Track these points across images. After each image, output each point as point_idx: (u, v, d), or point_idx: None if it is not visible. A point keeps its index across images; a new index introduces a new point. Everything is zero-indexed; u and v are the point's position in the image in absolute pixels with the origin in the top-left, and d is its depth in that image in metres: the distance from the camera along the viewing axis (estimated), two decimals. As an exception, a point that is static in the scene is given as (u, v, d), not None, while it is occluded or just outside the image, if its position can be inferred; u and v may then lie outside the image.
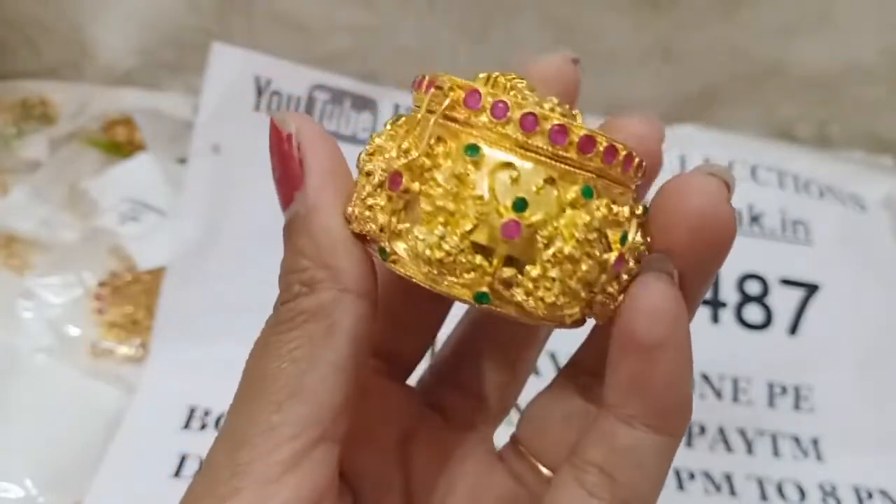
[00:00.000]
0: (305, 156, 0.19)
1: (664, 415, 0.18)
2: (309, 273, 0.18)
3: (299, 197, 0.19)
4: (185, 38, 0.51)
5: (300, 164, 0.19)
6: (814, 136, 0.54)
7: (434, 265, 0.17)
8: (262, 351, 0.19)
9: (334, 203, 0.19)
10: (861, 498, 0.39)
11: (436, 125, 0.18)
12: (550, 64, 0.21)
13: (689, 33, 0.50)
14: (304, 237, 0.19)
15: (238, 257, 0.42)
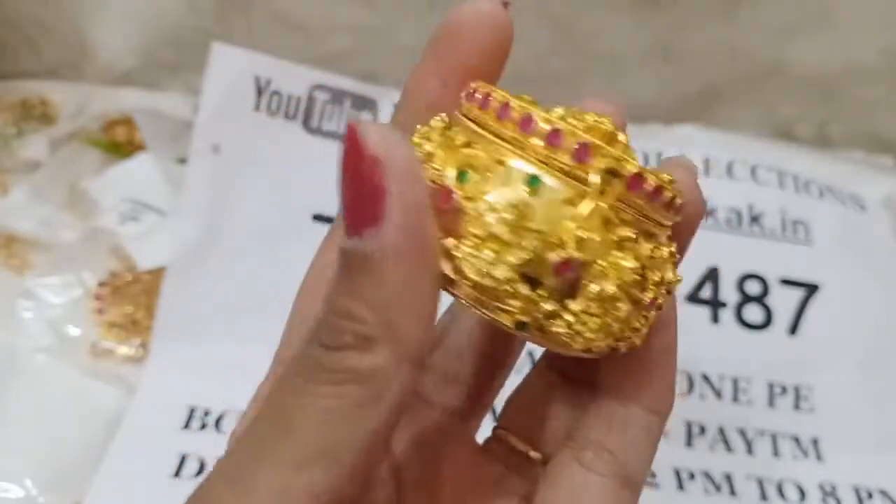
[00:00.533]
0: (391, 187, 0.15)
1: (657, 396, 0.20)
2: (367, 328, 0.16)
3: (374, 235, 0.15)
4: (185, 38, 0.51)
5: (381, 195, 0.15)
6: (814, 136, 0.54)
7: (480, 290, 0.17)
8: (290, 393, 0.16)
9: (418, 253, 0.16)
10: (861, 498, 0.39)
11: (480, 136, 0.18)
12: (479, 10, 0.20)
13: (689, 33, 0.50)
14: (371, 284, 0.16)
15: (238, 257, 0.42)
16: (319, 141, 0.45)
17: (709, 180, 0.46)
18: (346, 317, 0.16)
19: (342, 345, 0.16)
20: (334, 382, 0.16)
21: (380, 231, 0.15)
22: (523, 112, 0.17)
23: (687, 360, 0.42)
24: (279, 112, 0.45)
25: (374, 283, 0.16)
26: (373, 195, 0.15)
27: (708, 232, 0.45)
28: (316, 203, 0.43)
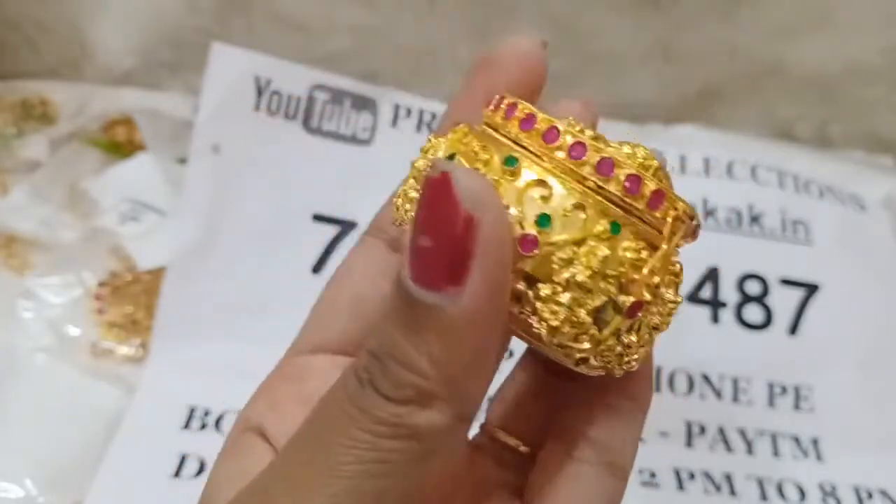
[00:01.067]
0: (481, 252, 0.15)
1: (638, 388, 0.20)
2: (429, 384, 0.15)
3: (453, 295, 0.15)
4: (185, 38, 0.51)
5: (469, 257, 0.15)
6: (814, 136, 0.54)
7: (554, 332, 0.17)
8: (339, 433, 0.16)
9: (494, 319, 0.15)
10: (861, 498, 0.39)
11: (485, 135, 0.18)
12: (518, 47, 0.21)
13: (689, 33, 0.50)
14: (440, 342, 0.15)
15: (238, 257, 0.42)
16: (319, 141, 0.45)
17: (709, 180, 0.46)
18: (407, 368, 0.15)
19: (402, 398, 0.15)
20: (389, 436, 0.15)
21: (460, 292, 0.15)
22: (601, 156, 0.17)
23: (687, 360, 0.42)
24: (279, 112, 0.45)
25: (443, 342, 0.15)
26: (460, 255, 0.15)
27: (708, 232, 0.45)
28: (316, 203, 0.43)
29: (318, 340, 0.22)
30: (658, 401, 0.41)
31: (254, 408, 0.21)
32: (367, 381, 0.16)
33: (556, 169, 0.17)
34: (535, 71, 0.21)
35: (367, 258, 0.22)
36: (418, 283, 0.15)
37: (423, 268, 0.15)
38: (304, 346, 0.22)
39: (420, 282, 0.15)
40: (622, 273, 0.17)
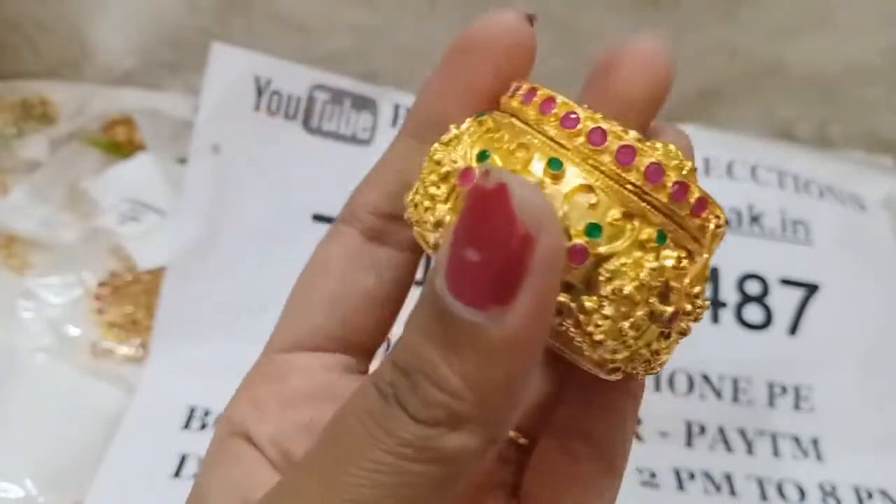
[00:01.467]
0: (534, 273, 0.13)
1: (637, 388, 0.20)
2: (462, 407, 0.14)
3: (499, 316, 0.14)
4: (185, 38, 0.51)
5: (520, 278, 0.13)
6: (814, 136, 0.54)
7: (597, 346, 0.16)
8: (354, 451, 0.15)
9: (537, 343, 0.14)
10: (861, 498, 0.39)
11: (516, 129, 0.17)
12: (502, 23, 0.18)
13: (690, 33, 0.50)
14: (478, 363, 0.14)
15: (238, 257, 0.42)
16: (319, 141, 0.45)
17: (709, 180, 0.46)
18: (439, 387, 0.14)
19: (431, 420, 0.14)
20: (414, 459, 0.14)
21: (506, 311, 0.14)
22: (650, 161, 0.16)
23: (687, 360, 0.42)
24: (279, 112, 0.45)
25: (480, 362, 0.14)
26: (510, 274, 0.14)
27: (708, 232, 0.45)
28: (316, 203, 0.43)
29: (295, 337, 0.21)
30: (658, 401, 0.41)
31: (236, 409, 0.21)
32: (391, 396, 0.15)
33: (601, 173, 0.16)
34: (523, 51, 0.19)
35: (343, 249, 0.21)
36: (460, 299, 0.14)
37: (466, 284, 0.14)
38: (282, 344, 0.21)
39: (462, 298, 0.14)
40: (664, 282, 0.17)
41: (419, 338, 0.14)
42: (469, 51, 0.19)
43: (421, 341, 0.14)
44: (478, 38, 0.19)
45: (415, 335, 0.15)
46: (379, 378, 0.15)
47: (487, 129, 0.17)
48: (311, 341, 0.21)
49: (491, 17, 0.19)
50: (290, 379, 0.20)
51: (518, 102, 0.17)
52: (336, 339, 0.21)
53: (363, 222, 0.21)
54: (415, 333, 0.15)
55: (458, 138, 0.18)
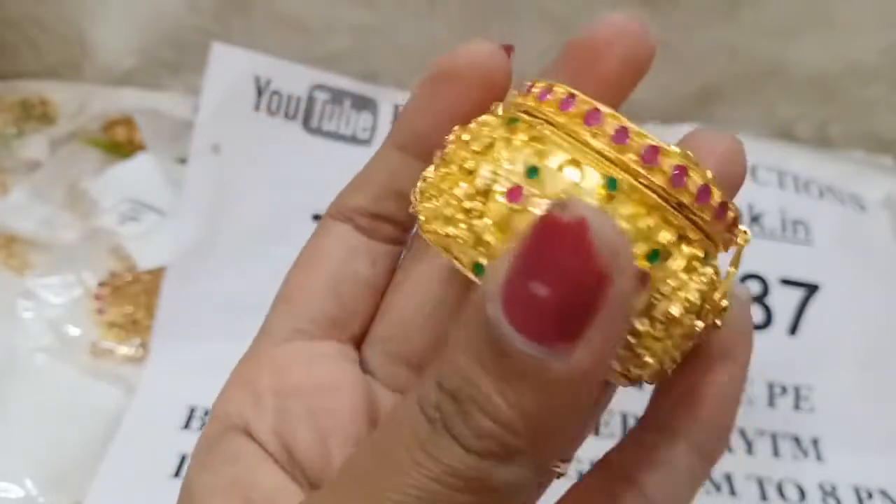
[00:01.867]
0: (606, 312, 0.13)
1: (710, 436, 0.18)
2: (515, 441, 0.14)
3: (564, 353, 0.13)
4: (185, 38, 0.51)
5: (591, 316, 0.13)
6: (814, 136, 0.54)
7: (650, 371, 0.16)
8: (395, 476, 0.14)
9: (597, 380, 0.14)
10: (861, 498, 0.39)
11: (560, 142, 0.16)
12: (478, 54, 0.19)
13: (689, 33, 0.50)
14: (537, 398, 0.13)
15: (238, 257, 0.42)
16: (319, 141, 0.45)
17: (709, 180, 0.46)
18: (493, 418, 0.14)
19: (483, 450, 0.14)
20: (462, 490, 0.14)
21: (572, 350, 0.13)
22: (675, 164, 0.16)
23: (687, 360, 0.42)
24: (279, 112, 0.45)
25: (539, 397, 0.13)
26: (580, 312, 0.13)
27: (708, 232, 0.45)
28: (316, 203, 0.43)
29: (292, 326, 0.21)
30: (658, 401, 0.41)
31: (233, 402, 0.20)
32: (438, 422, 0.14)
33: (653, 192, 0.16)
34: (498, 81, 0.19)
35: (339, 239, 0.21)
36: (520, 331, 0.13)
37: (529, 317, 0.13)
38: (279, 334, 0.21)
39: (523, 331, 0.13)
40: (704, 301, 0.16)
41: (470, 363, 0.14)
42: (445, 80, 0.19)
43: (472, 367, 0.14)
44: (453, 69, 0.19)
45: (464, 359, 0.14)
46: (424, 400, 0.14)
47: (525, 140, 0.16)
48: (308, 330, 0.21)
49: (467, 49, 0.19)
50: (288, 369, 0.20)
51: (554, 108, 0.17)
52: (334, 326, 0.21)
53: (354, 221, 0.21)
54: (464, 357, 0.14)
55: (490, 147, 0.17)
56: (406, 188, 0.19)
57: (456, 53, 0.19)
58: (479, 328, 0.14)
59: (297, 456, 0.19)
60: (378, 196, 0.21)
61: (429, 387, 0.14)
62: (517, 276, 0.13)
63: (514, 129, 0.17)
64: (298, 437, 0.19)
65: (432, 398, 0.14)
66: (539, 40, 0.50)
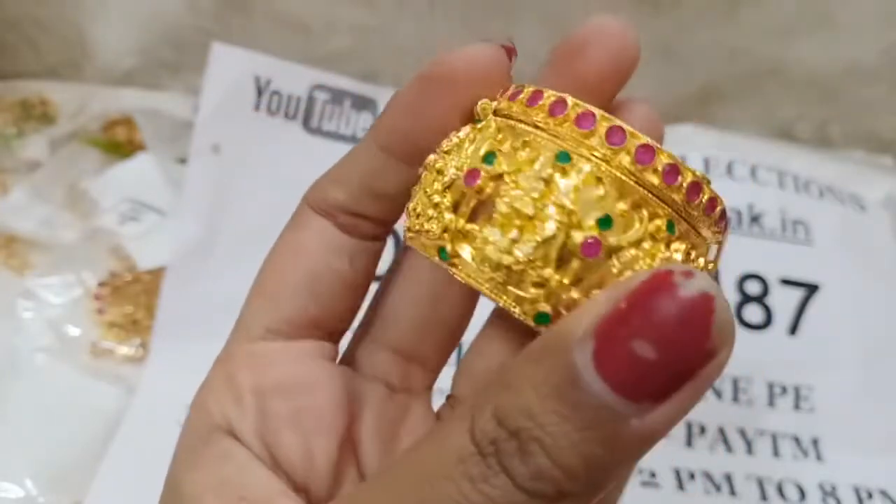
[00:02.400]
0: (696, 381, 0.14)
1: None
2: (570, 487, 0.14)
3: (648, 411, 0.14)
4: (185, 38, 0.51)
5: (683, 382, 0.14)
6: (814, 136, 0.54)
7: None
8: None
9: (662, 437, 0.14)
10: (861, 498, 0.39)
11: (523, 132, 0.17)
12: (477, 58, 0.19)
13: (689, 33, 0.50)
14: (605, 449, 0.14)
15: (238, 257, 0.42)
16: (319, 141, 0.45)
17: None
18: (556, 462, 0.14)
19: (539, 492, 0.14)
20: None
21: (654, 409, 0.14)
22: (667, 162, 0.16)
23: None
24: (279, 112, 0.45)
25: (608, 448, 0.14)
26: (677, 378, 0.14)
27: (708, 232, 0.45)
28: (316, 203, 0.43)
29: (269, 323, 0.21)
30: (658, 401, 0.41)
31: (215, 399, 0.20)
32: (493, 457, 0.14)
33: (609, 166, 0.16)
34: (495, 83, 0.19)
35: (317, 234, 0.21)
36: (612, 386, 0.13)
37: (626, 375, 0.13)
38: (256, 331, 0.21)
39: (615, 387, 0.13)
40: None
41: (541, 403, 0.14)
42: (438, 82, 0.19)
43: (542, 407, 0.14)
44: (450, 72, 0.18)
45: (535, 399, 0.14)
46: (479, 432, 0.14)
47: (490, 133, 0.17)
48: (285, 327, 0.20)
49: (466, 51, 0.18)
50: (267, 369, 0.20)
51: (521, 106, 0.17)
52: (311, 324, 0.21)
53: (334, 217, 0.21)
54: (535, 397, 0.14)
55: (459, 146, 0.17)
56: (386, 189, 0.19)
57: (454, 55, 0.18)
58: (559, 371, 0.13)
59: (281, 458, 0.19)
60: (357, 194, 0.20)
61: (486, 420, 0.14)
62: (619, 329, 0.13)
63: (482, 128, 0.18)
64: (283, 439, 0.19)
65: (489, 432, 0.14)
66: (539, 40, 0.50)
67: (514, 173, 0.16)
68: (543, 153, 0.16)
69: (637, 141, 0.16)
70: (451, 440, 0.15)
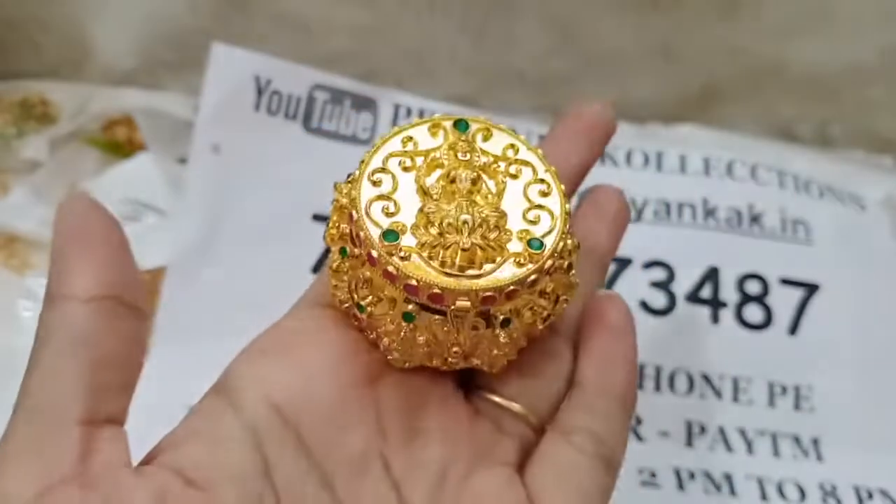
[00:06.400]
0: None
1: (627, 387, 0.24)
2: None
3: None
4: (185, 38, 0.51)
5: None
6: (814, 136, 0.54)
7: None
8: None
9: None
10: (861, 498, 0.39)
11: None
12: (592, 113, 0.27)
13: (689, 33, 0.50)
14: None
15: (238, 257, 0.42)
16: (319, 141, 0.45)
17: (709, 180, 0.46)
18: None
19: None
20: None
21: None
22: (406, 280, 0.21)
23: (687, 360, 0.42)
24: (279, 112, 0.45)
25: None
26: None
27: (708, 232, 0.45)
28: (316, 203, 0.43)
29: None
30: (658, 401, 0.41)
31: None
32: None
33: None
34: (605, 135, 0.27)
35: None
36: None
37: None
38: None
39: None
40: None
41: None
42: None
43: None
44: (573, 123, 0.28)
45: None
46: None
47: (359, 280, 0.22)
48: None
49: (585, 107, 0.28)
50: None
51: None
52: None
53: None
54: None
55: (339, 274, 0.23)
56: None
57: (572, 115, 0.28)
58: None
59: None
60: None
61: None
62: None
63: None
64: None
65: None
66: (539, 40, 0.50)
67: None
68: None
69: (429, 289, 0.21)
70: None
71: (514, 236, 0.21)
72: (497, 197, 0.22)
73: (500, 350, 0.22)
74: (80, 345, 0.19)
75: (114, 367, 0.20)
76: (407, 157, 0.22)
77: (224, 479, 0.19)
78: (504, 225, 0.21)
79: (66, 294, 0.20)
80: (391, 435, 0.22)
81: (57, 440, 0.19)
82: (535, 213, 0.22)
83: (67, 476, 0.18)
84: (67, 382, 0.19)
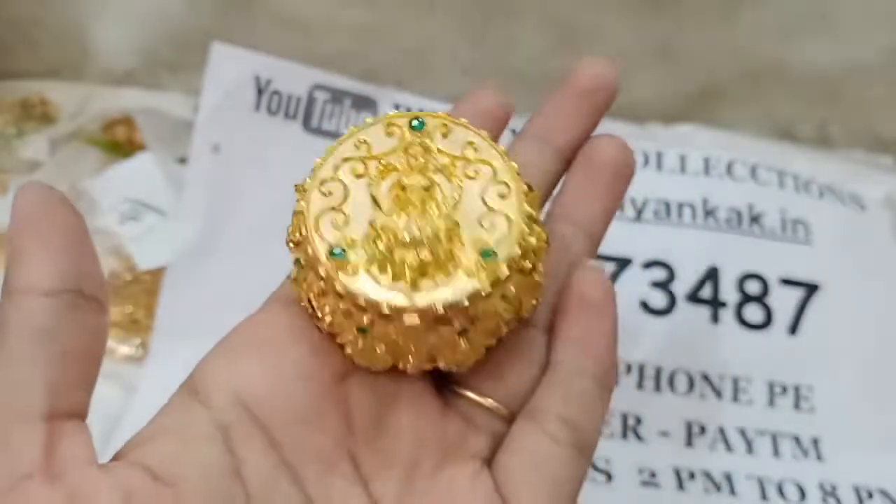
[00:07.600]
0: None
1: (605, 365, 0.23)
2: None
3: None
4: (185, 38, 0.51)
5: None
6: (814, 136, 0.54)
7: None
8: None
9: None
10: (861, 498, 0.39)
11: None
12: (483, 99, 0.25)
13: (690, 33, 0.50)
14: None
15: (238, 257, 0.42)
16: (319, 141, 0.45)
17: (709, 180, 0.46)
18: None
19: None
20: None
21: None
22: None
23: (687, 360, 0.42)
24: (279, 112, 0.45)
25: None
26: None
27: (708, 232, 0.45)
28: (316, 203, 0.43)
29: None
30: (658, 401, 0.41)
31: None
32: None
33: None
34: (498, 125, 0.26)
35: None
36: None
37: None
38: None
39: None
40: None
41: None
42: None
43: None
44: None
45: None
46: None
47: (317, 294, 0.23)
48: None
49: (477, 93, 0.26)
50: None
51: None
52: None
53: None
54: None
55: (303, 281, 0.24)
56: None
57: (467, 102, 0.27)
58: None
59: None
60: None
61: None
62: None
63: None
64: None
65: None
66: (539, 40, 0.50)
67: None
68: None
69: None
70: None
71: (468, 246, 0.20)
72: (452, 203, 0.21)
73: (462, 355, 0.21)
74: (41, 340, 0.19)
75: (75, 362, 0.20)
76: (359, 162, 0.22)
77: (192, 475, 0.19)
78: (457, 235, 0.20)
79: (25, 287, 0.19)
80: (360, 432, 0.21)
81: (20, 436, 0.18)
82: (490, 220, 0.21)
83: (32, 471, 0.18)
84: (29, 378, 0.19)
